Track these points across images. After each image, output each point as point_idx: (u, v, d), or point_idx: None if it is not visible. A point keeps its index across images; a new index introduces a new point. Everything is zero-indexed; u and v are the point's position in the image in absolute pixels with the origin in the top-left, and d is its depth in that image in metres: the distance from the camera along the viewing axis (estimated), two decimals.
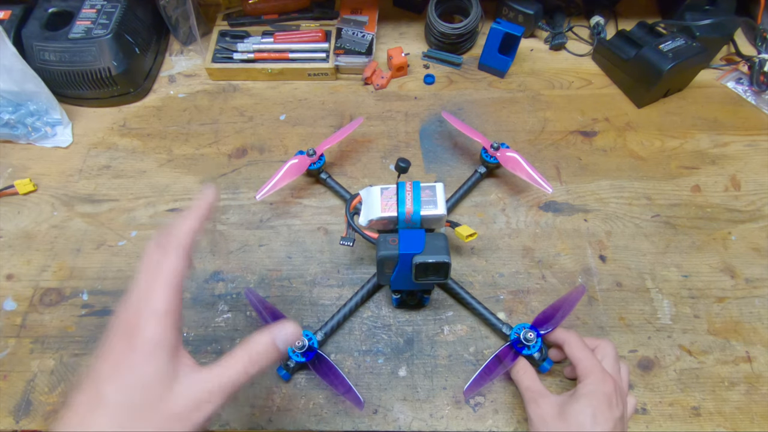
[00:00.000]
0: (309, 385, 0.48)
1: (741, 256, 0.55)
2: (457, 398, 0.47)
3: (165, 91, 0.70)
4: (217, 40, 0.71)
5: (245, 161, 0.63)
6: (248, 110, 0.67)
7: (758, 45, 0.69)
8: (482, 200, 0.59)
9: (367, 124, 0.65)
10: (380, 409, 0.47)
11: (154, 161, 0.63)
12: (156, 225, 0.58)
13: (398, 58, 0.68)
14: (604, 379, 0.39)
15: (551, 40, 0.73)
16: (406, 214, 0.42)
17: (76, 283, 0.54)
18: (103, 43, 0.62)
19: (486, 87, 0.69)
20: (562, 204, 0.59)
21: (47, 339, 0.51)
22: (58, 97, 0.63)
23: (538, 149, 0.63)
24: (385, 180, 0.61)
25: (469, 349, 0.50)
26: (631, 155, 0.62)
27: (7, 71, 0.59)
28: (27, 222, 0.58)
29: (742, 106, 0.67)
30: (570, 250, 0.55)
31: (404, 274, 0.43)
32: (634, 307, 0.52)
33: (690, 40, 0.63)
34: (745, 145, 0.63)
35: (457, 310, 0.52)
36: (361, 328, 0.51)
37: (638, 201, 0.59)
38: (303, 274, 0.54)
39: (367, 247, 0.56)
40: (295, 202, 0.59)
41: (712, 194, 0.59)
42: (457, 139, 0.64)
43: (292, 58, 0.69)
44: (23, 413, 0.47)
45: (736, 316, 0.51)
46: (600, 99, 0.68)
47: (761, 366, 0.49)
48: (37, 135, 0.63)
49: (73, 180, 0.61)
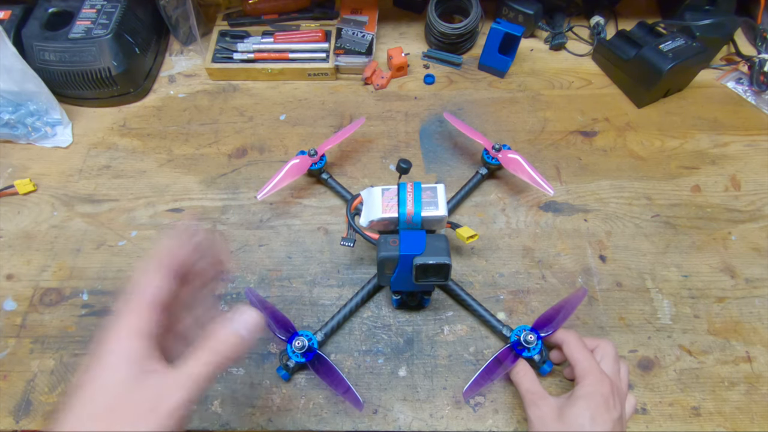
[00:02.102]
0: (309, 385, 0.48)
1: (741, 256, 0.55)
2: (457, 398, 0.47)
3: (165, 91, 0.70)
4: (217, 40, 0.71)
5: (245, 161, 0.63)
6: (248, 110, 0.67)
7: (758, 45, 0.69)
8: (482, 200, 0.59)
9: (367, 124, 0.65)
10: (380, 409, 0.47)
11: (154, 161, 0.63)
12: (156, 225, 0.58)
13: (398, 58, 0.68)
14: (602, 380, 0.39)
15: (551, 40, 0.73)
16: (407, 215, 0.42)
17: (76, 283, 0.54)
18: (103, 43, 0.62)
19: (486, 87, 0.69)
20: (562, 204, 0.59)
21: (47, 339, 0.51)
22: (58, 97, 0.63)
23: (538, 149, 0.63)
24: (385, 180, 0.61)
25: (469, 349, 0.50)
26: (631, 155, 0.62)
27: (7, 71, 0.59)
28: (27, 222, 0.58)
29: (742, 106, 0.67)
30: (570, 250, 0.55)
31: (405, 275, 0.43)
32: (634, 307, 0.52)
33: (690, 40, 0.63)
34: (745, 145, 0.63)
35: (457, 310, 0.52)
36: (361, 328, 0.51)
37: (638, 201, 0.59)
38: (303, 274, 0.54)
39: (367, 248, 0.56)
40: (295, 202, 0.59)
41: (712, 194, 0.59)
42: (457, 140, 0.64)
43: (292, 58, 0.69)
44: (23, 413, 0.47)
45: (736, 316, 0.51)
46: (600, 99, 0.68)
47: (761, 366, 0.49)
48: (37, 135, 0.63)
49: (73, 180, 0.61)
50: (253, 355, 0.50)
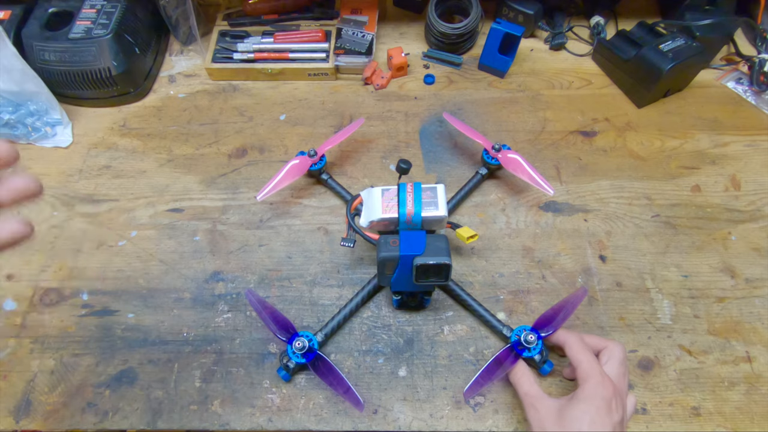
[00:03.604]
0: (309, 385, 0.48)
1: (741, 256, 0.55)
2: (457, 398, 0.47)
3: (165, 91, 0.70)
4: (217, 40, 0.71)
5: (245, 161, 0.63)
6: (248, 110, 0.67)
7: (758, 45, 0.69)
8: (482, 200, 0.59)
9: (367, 124, 0.65)
10: (380, 409, 0.47)
11: (154, 161, 0.63)
12: (156, 225, 0.58)
13: (398, 58, 0.68)
14: (604, 383, 0.39)
15: (551, 40, 0.73)
16: (407, 215, 0.42)
17: (76, 283, 0.54)
18: (103, 43, 0.62)
19: (486, 87, 0.69)
20: (562, 204, 0.59)
21: (47, 339, 0.51)
22: (58, 97, 0.63)
23: (538, 149, 0.63)
24: (385, 180, 0.61)
25: (469, 349, 0.50)
26: (631, 155, 0.62)
27: (7, 71, 0.59)
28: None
29: (742, 106, 0.67)
30: (570, 250, 0.55)
31: (405, 276, 0.43)
32: (634, 307, 0.52)
33: (690, 40, 0.63)
34: (745, 145, 0.63)
35: (457, 310, 0.52)
36: (361, 328, 0.51)
37: (638, 201, 0.59)
38: (303, 274, 0.54)
39: (367, 247, 0.56)
40: (295, 202, 0.59)
41: (712, 194, 0.59)
42: (457, 140, 0.64)
43: (292, 58, 0.69)
44: (23, 413, 0.47)
45: (736, 316, 0.51)
46: (600, 99, 0.68)
47: (761, 366, 0.49)
48: (37, 135, 0.63)
49: (73, 180, 0.61)
50: (253, 355, 0.50)
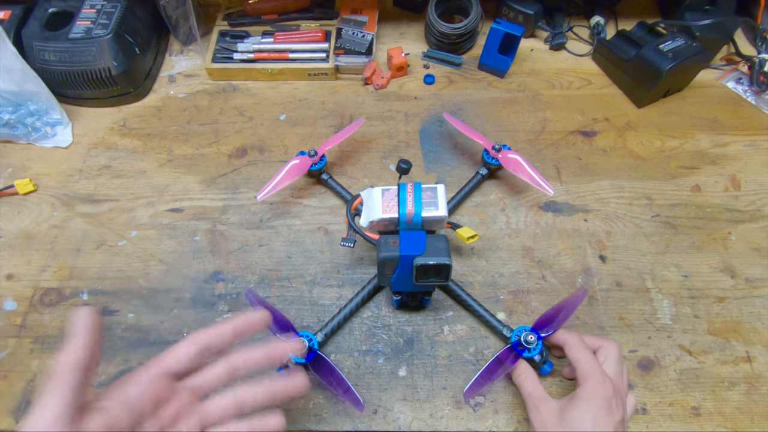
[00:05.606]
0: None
1: (741, 256, 0.55)
2: (457, 398, 0.47)
3: (165, 91, 0.70)
4: (217, 40, 0.71)
5: (245, 161, 0.63)
6: (248, 110, 0.67)
7: (758, 45, 0.69)
8: (482, 200, 0.59)
9: (367, 124, 0.65)
10: (380, 409, 0.47)
11: (154, 161, 0.63)
12: (156, 225, 0.58)
13: (398, 58, 0.68)
14: (604, 383, 0.39)
15: (551, 40, 0.73)
16: (407, 215, 0.42)
17: (76, 283, 0.54)
18: (103, 43, 0.62)
19: (486, 87, 0.69)
20: (562, 204, 0.59)
21: (47, 339, 0.51)
22: (58, 97, 0.63)
23: (538, 149, 0.63)
24: (385, 180, 0.61)
25: (469, 349, 0.50)
26: (631, 155, 0.62)
27: (7, 71, 0.59)
28: (27, 222, 0.58)
29: (742, 106, 0.67)
30: (570, 250, 0.55)
31: (405, 276, 0.43)
32: (634, 307, 0.52)
33: (690, 40, 0.63)
34: (745, 145, 0.63)
35: (457, 310, 0.52)
36: (361, 328, 0.51)
37: (638, 201, 0.59)
38: (303, 274, 0.54)
39: (367, 247, 0.56)
40: (295, 202, 0.59)
41: (712, 194, 0.59)
42: (457, 140, 0.64)
43: (292, 58, 0.69)
44: (23, 413, 0.47)
45: (736, 316, 0.51)
46: (600, 99, 0.68)
47: (761, 366, 0.49)
48: (37, 135, 0.63)
49: (73, 180, 0.61)
50: None
